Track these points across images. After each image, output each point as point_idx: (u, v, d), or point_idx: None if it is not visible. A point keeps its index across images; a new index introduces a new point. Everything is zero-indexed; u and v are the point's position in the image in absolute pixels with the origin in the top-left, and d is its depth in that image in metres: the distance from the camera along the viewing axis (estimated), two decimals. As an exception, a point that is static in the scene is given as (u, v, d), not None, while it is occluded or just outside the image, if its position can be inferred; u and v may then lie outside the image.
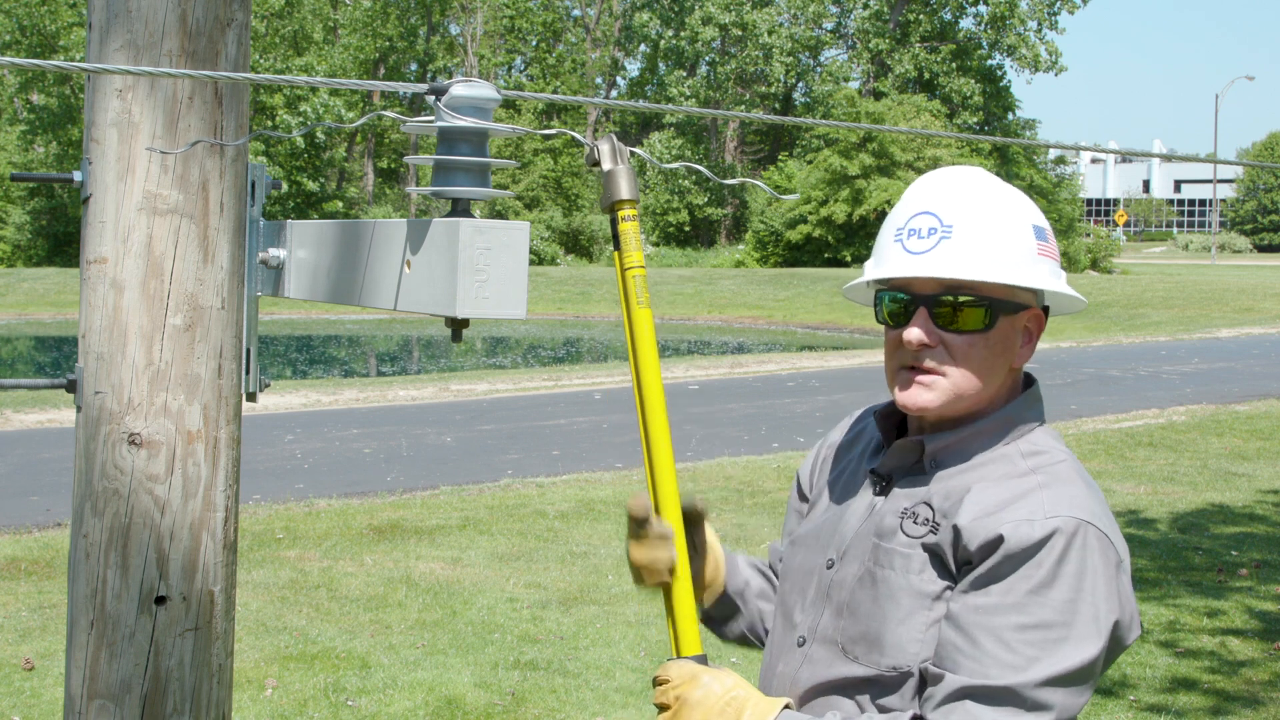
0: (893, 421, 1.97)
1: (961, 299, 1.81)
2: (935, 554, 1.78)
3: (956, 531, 1.76)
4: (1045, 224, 1.89)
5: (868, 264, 1.94)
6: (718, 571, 2.08)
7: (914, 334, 1.82)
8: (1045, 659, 1.67)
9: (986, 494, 1.78)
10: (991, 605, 1.70)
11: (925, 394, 1.83)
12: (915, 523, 1.82)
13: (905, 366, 1.85)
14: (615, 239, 1.84)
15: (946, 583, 1.77)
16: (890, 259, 1.87)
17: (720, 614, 2.12)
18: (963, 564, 1.76)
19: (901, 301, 1.84)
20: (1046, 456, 1.83)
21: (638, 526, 1.90)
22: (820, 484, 2.05)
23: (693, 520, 2.03)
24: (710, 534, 2.09)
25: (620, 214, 1.82)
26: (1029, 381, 1.93)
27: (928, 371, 1.83)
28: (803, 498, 2.10)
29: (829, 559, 1.91)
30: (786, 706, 1.79)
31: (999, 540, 1.72)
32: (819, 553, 1.93)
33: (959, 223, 1.82)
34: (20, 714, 5.29)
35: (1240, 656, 5.99)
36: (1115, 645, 1.74)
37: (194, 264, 1.90)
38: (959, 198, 1.84)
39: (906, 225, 1.86)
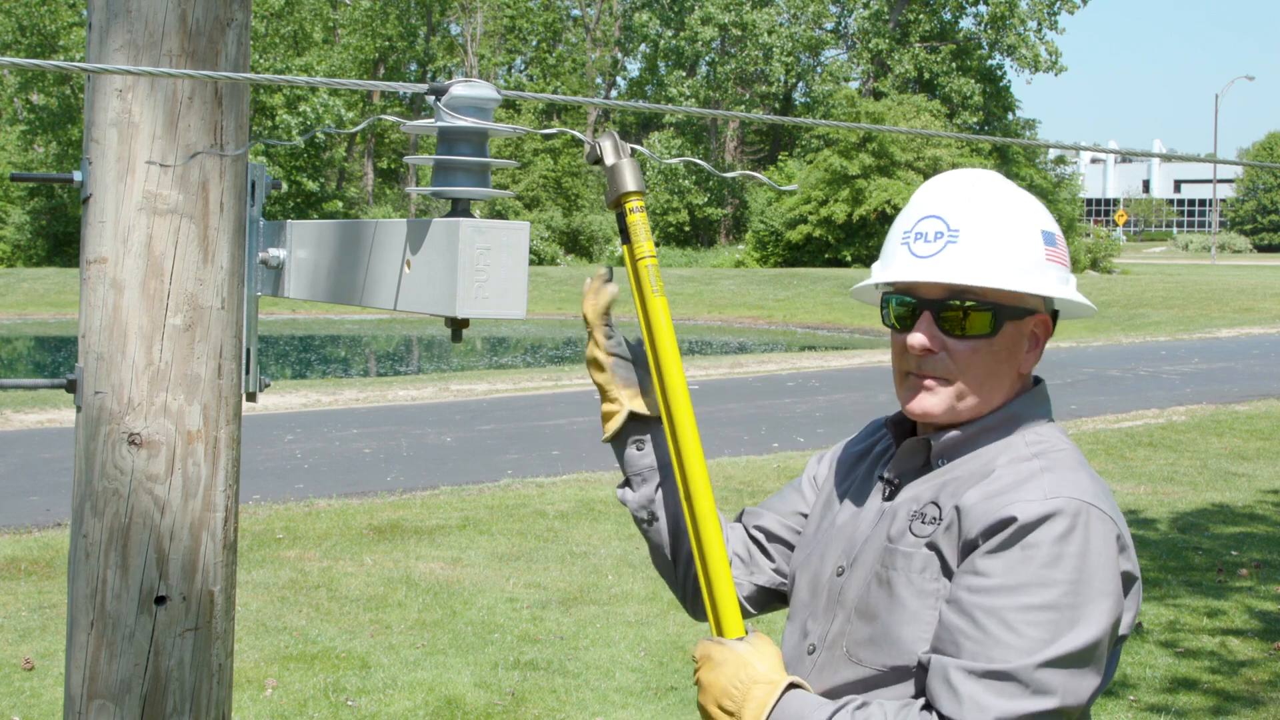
0: (905, 428, 1.96)
1: (967, 304, 1.80)
2: (937, 550, 1.78)
3: (959, 515, 1.76)
4: (1056, 229, 1.87)
5: (875, 265, 1.94)
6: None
7: (917, 339, 1.81)
8: (1048, 640, 1.66)
9: (990, 480, 1.78)
10: (993, 587, 1.69)
11: (929, 400, 1.83)
12: (924, 523, 1.81)
13: (910, 372, 1.85)
14: (624, 231, 1.83)
15: (949, 578, 1.77)
16: (896, 262, 1.86)
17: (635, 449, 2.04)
18: (965, 549, 1.75)
19: (908, 305, 1.84)
20: (1049, 444, 1.83)
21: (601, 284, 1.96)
22: (830, 490, 2.04)
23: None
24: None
25: (628, 205, 1.82)
26: (1035, 380, 1.93)
27: (932, 378, 1.83)
28: (811, 487, 2.10)
29: (839, 566, 1.91)
30: (793, 685, 1.75)
31: (1001, 523, 1.71)
32: (829, 561, 1.93)
33: (966, 227, 1.81)
34: (20, 714, 5.29)
35: (1240, 656, 5.99)
36: (1115, 630, 1.73)
37: (194, 264, 1.90)
38: (967, 202, 1.83)
39: (914, 228, 1.85)
